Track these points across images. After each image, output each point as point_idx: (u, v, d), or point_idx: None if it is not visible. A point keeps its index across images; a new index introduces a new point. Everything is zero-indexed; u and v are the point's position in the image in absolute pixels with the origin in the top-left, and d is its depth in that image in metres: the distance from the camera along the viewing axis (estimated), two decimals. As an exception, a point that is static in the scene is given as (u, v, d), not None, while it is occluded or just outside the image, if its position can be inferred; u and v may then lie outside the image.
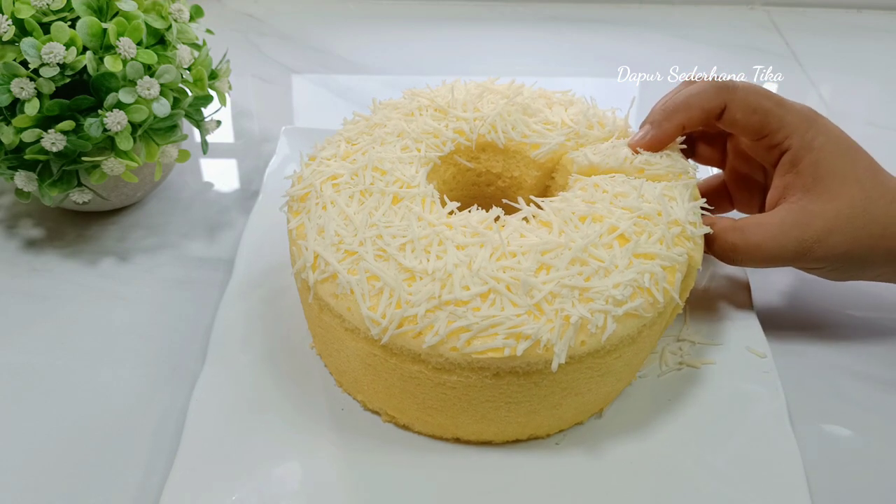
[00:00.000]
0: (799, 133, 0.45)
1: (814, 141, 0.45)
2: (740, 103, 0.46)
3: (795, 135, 0.45)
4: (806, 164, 0.45)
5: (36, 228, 0.57)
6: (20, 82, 0.46)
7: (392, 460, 0.42)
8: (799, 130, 0.45)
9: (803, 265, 0.46)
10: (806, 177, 0.45)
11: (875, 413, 0.46)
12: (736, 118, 0.46)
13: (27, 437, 0.44)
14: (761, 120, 0.45)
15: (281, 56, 0.81)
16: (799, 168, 0.45)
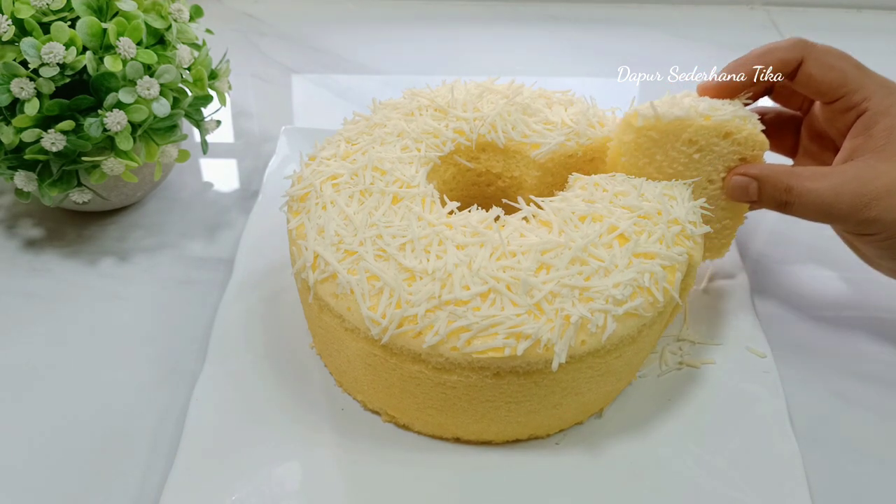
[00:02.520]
0: (877, 98, 0.44)
1: (892, 108, 0.43)
2: (818, 60, 0.44)
3: (874, 98, 0.44)
4: (880, 129, 0.43)
5: (36, 228, 0.57)
6: (20, 82, 0.46)
7: (392, 460, 0.42)
8: (878, 95, 0.44)
9: (855, 227, 0.43)
10: (878, 139, 0.43)
11: (875, 413, 0.46)
12: (812, 74, 0.44)
13: (27, 437, 0.44)
14: (838, 78, 0.44)
15: (281, 56, 0.81)
16: (872, 132, 0.43)
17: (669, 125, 0.43)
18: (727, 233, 0.49)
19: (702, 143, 0.44)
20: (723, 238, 0.49)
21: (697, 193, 0.46)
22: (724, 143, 0.44)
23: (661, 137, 0.44)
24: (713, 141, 0.44)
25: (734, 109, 0.44)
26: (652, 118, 0.44)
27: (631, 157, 0.45)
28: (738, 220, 0.48)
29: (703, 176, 0.45)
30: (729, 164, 0.45)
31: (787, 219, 0.45)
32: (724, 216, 0.48)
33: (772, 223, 0.60)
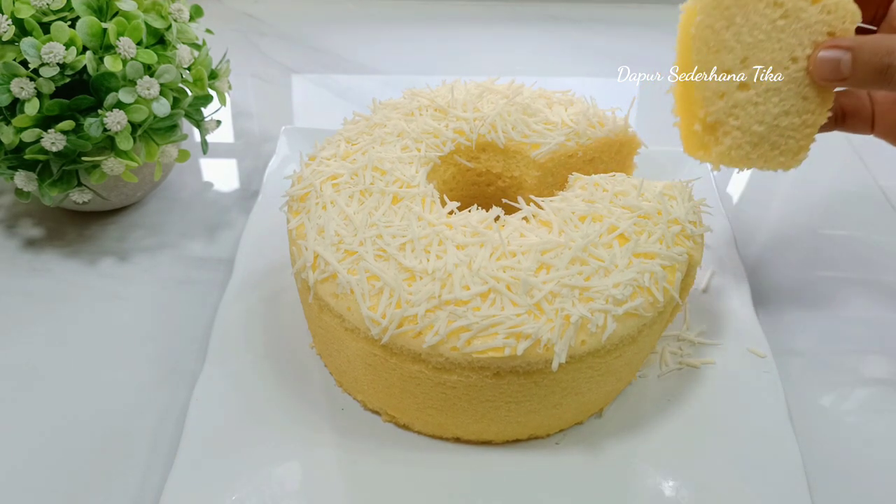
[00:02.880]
0: None
1: None
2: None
3: None
4: None
5: (36, 228, 0.57)
6: (20, 82, 0.46)
7: (392, 460, 0.42)
8: None
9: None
10: None
11: (875, 413, 0.46)
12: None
13: (27, 437, 0.44)
14: None
15: (281, 56, 0.81)
16: None
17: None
18: (807, 131, 0.44)
19: (788, 7, 0.41)
20: (801, 138, 0.44)
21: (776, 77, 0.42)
22: (813, 11, 0.41)
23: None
24: (800, 5, 0.41)
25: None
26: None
27: (708, 16, 0.40)
28: (821, 114, 0.44)
29: (786, 51, 0.42)
30: (816, 39, 0.42)
31: (788, 219, 0.45)
32: (806, 108, 0.43)
33: (772, 223, 0.60)
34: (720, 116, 0.41)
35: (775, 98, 0.42)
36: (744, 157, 0.43)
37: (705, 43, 0.40)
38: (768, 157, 0.43)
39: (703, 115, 0.41)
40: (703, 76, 0.41)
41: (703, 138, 0.42)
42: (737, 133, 0.42)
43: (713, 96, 0.41)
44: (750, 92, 0.42)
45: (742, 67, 0.41)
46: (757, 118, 0.42)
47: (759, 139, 0.43)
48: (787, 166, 0.44)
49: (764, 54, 0.41)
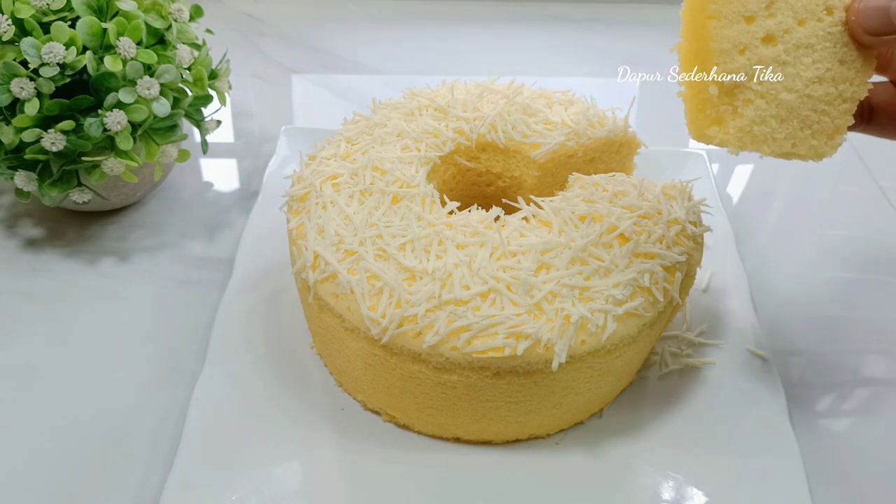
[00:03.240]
0: None
1: None
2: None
3: None
4: None
5: (36, 228, 0.57)
6: (20, 82, 0.46)
7: (392, 460, 0.42)
8: None
9: None
10: None
11: (875, 413, 0.46)
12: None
13: (27, 437, 0.44)
14: None
15: (281, 56, 0.81)
16: None
17: None
18: (844, 107, 0.35)
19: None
20: (837, 115, 0.35)
21: (808, 31, 0.34)
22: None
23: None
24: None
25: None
26: None
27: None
28: (861, 83, 0.35)
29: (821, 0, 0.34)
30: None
31: (788, 219, 0.45)
32: (844, 75, 0.35)
33: (772, 223, 0.60)
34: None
35: (808, 58, 0.34)
36: (768, 136, 0.34)
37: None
38: (798, 139, 0.35)
39: (720, 73, 0.33)
40: (719, 23, 0.33)
41: (719, 108, 0.34)
42: (760, 102, 0.34)
43: (732, 49, 0.33)
44: (777, 47, 0.34)
45: (768, 14, 0.33)
46: (786, 84, 0.34)
47: (788, 112, 0.34)
48: (820, 153, 0.36)
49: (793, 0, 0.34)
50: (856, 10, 0.34)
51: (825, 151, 0.36)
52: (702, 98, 0.34)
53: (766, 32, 0.34)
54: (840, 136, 0.36)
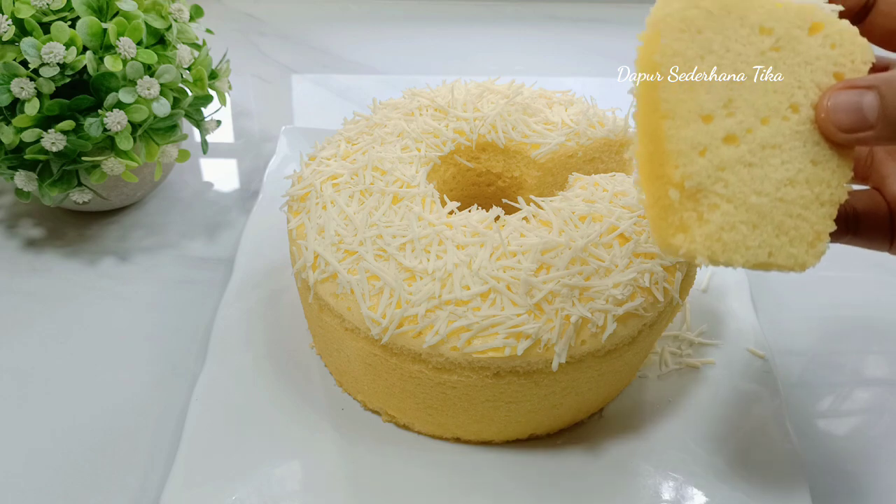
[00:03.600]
0: None
1: None
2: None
3: None
4: None
5: (36, 228, 0.57)
6: (20, 82, 0.46)
7: (392, 460, 0.42)
8: None
9: None
10: None
11: (875, 413, 0.46)
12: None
13: (27, 437, 0.44)
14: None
15: (281, 56, 0.81)
16: None
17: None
18: (822, 211, 0.32)
19: (780, 34, 0.31)
20: (816, 220, 0.32)
21: (773, 130, 0.31)
22: (812, 42, 0.32)
23: (720, 12, 0.30)
24: (795, 34, 0.31)
25: (817, 1, 0.32)
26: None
27: (675, 39, 0.30)
28: (837, 186, 0.32)
29: (784, 94, 0.31)
30: (819, 80, 0.32)
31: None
32: (818, 177, 0.32)
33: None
34: (702, 181, 0.30)
35: (776, 159, 0.31)
36: (740, 244, 0.31)
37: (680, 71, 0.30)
38: (774, 247, 0.31)
39: (680, 176, 0.30)
40: (674, 123, 0.30)
41: (682, 214, 0.30)
42: (728, 207, 0.30)
43: (691, 151, 0.30)
44: (741, 148, 0.31)
45: (727, 113, 0.31)
46: (754, 186, 0.31)
47: (760, 217, 0.31)
48: (802, 262, 0.32)
49: (755, 96, 0.31)
50: (825, 107, 0.31)
51: (807, 261, 0.32)
52: (663, 204, 0.30)
53: (727, 132, 0.30)
54: (822, 243, 0.32)
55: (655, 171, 0.31)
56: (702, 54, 0.30)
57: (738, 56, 0.31)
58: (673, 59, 0.30)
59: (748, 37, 0.31)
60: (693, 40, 0.30)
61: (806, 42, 0.31)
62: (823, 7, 0.32)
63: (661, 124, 0.30)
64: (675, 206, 0.30)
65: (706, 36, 0.30)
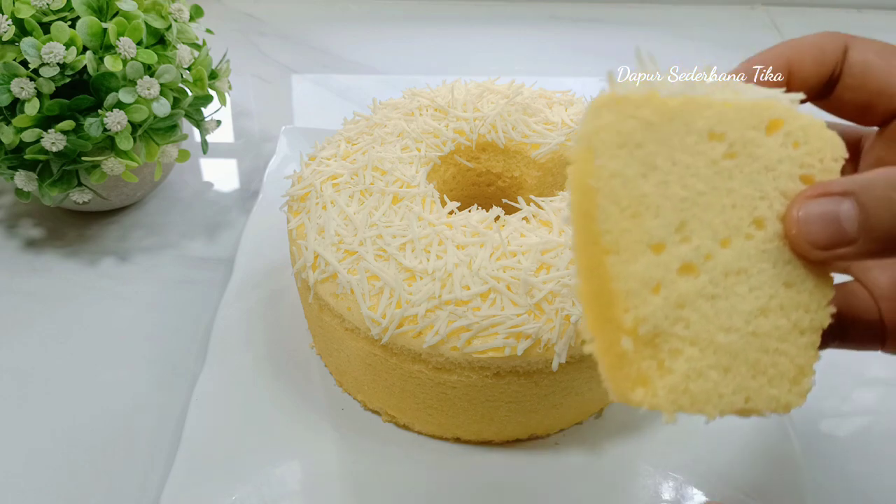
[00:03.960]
0: None
1: None
2: (869, 44, 0.29)
3: None
4: None
5: (36, 228, 0.57)
6: (20, 82, 0.46)
7: (392, 460, 0.42)
8: None
9: None
10: None
11: (875, 413, 0.46)
12: (869, 63, 0.28)
13: (27, 438, 0.44)
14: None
15: (281, 56, 0.81)
16: None
17: (674, 104, 0.26)
18: (803, 340, 0.28)
19: (733, 138, 0.26)
20: (797, 353, 0.28)
21: (736, 253, 0.27)
22: (771, 143, 0.27)
23: (661, 121, 0.26)
24: (751, 136, 0.27)
25: (773, 92, 0.28)
26: (644, 88, 0.26)
27: (613, 158, 0.25)
28: (819, 309, 0.28)
29: (744, 209, 0.27)
30: (786, 187, 0.27)
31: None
32: (794, 301, 0.27)
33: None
34: (659, 323, 0.25)
35: (742, 286, 0.27)
36: (712, 393, 0.26)
37: (615, 201, 0.25)
38: (751, 391, 0.27)
39: (633, 320, 0.25)
40: (619, 258, 0.25)
41: (640, 364, 0.25)
42: (692, 351, 0.26)
43: (642, 289, 0.25)
44: (700, 278, 0.26)
45: (681, 239, 0.26)
46: (720, 322, 0.26)
47: (732, 359, 0.26)
48: (785, 404, 0.28)
49: (711, 215, 0.26)
50: (796, 219, 0.26)
51: (791, 401, 0.28)
52: (617, 353, 0.25)
53: (683, 262, 0.26)
54: (807, 378, 0.28)
55: (604, 314, 0.26)
56: (644, 172, 0.25)
57: (686, 169, 0.26)
58: (611, 181, 0.25)
59: (697, 145, 0.26)
60: (633, 156, 0.25)
61: (764, 144, 0.27)
62: (780, 99, 0.27)
63: (605, 260, 0.25)
64: (630, 356, 0.25)
65: (648, 150, 0.25)
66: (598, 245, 0.25)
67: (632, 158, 0.25)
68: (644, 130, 0.25)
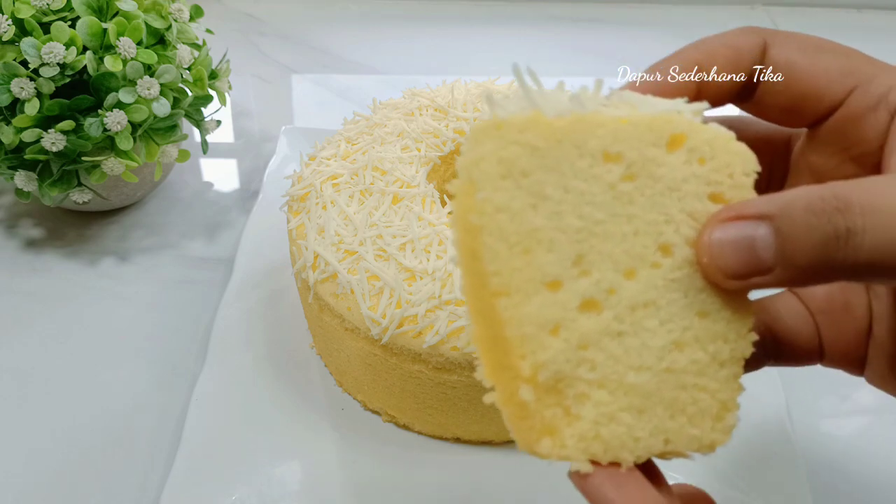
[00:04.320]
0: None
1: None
2: (790, 40, 0.27)
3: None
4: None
5: (36, 228, 0.57)
6: (20, 82, 0.46)
7: (392, 460, 0.42)
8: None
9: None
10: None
11: (874, 413, 0.46)
12: (792, 62, 0.26)
13: (27, 438, 0.44)
14: (840, 65, 0.26)
15: (281, 56, 0.81)
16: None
17: (561, 124, 0.23)
18: (724, 373, 0.25)
19: (631, 159, 0.24)
20: (719, 388, 0.25)
21: (642, 284, 0.24)
22: (674, 161, 0.24)
23: (548, 145, 0.23)
24: (651, 155, 0.24)
25: (673, 104, 0.25)
26: (525, 110, 0.24)
27: (495, 191, 0.23)
28: (739, 339, 0.25)
29: (649, 236, 0.24)
30: (693, 209, 0.24)
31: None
32: (710, 332, 0.25)
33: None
34: (561, 368, 0.23)
35: (652, 321, 0.24)
36: (626, 438, 0.24)
37: (502, 238, 0.23)
38: (671, 432, 0.24)
39: (530, 368, 0.23)
40: (511, 300, 0.23)
41: (544, 413, 0.23)
42: (601, 395, 0.24)
43: (539, 332, 0.23)
44: (604, 315, 0.24)
45: (579, 273, 0.23)
46: (629, 361, 0.24)
47: (645, 399, 0.24)
48: (709, 443, 0.25)
49: (611, 245, 0.24)
50: (707, 245, 0.23)
51: (715, 440, 0.25)
52: (518, 403, 0.23)
53: (583, 298, 0.23)
54: (730, 413, 0.25)
55: (500, 361, 0.23)
56: (534, 203, 0.23)
57: (581, 197, 0.23)
58: (496, 216, 0.23)
59: (591, 169, 0.23)
60: (519, 187, 0.23)
61: (666, 162, 0.24)
62: (682, 111, 0.25)
63: (495, 304, 0.23)
64: (532, 406, 0.23)
65: (536, 178, 0.23)
66: (488, 288, 0.23)
67: (518, 189, 0.23)
68: (530, 157, 0.23)
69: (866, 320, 0.28)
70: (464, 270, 0.24)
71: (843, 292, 0.28)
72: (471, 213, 0.23)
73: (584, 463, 0.23)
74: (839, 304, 0.28)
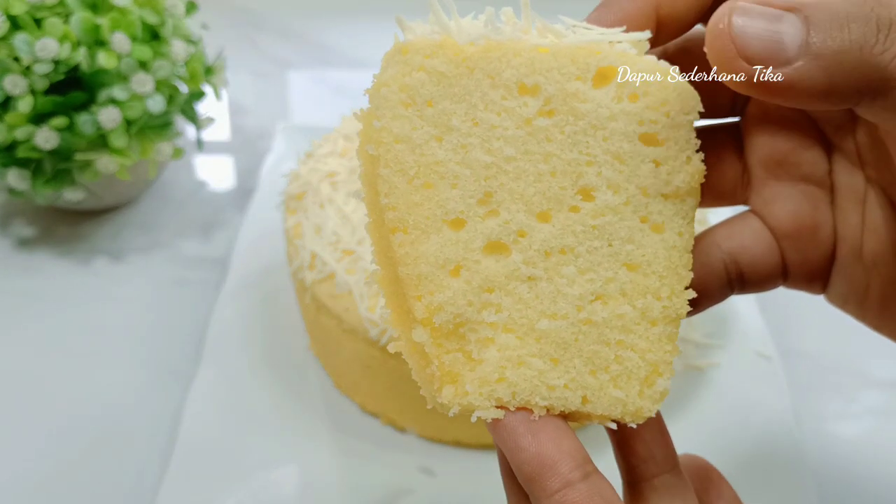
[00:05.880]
0: None
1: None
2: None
3: None
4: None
5: (29, 227, 0.57)
6: (13, 79, 0.45)
7: (391, 463, 0.42)
8: None
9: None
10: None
11: (881, 415, 0.46)
12: None
13: (22, 438, 0.43)
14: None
15: (277, 51, 0.80)
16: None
17: (473, 51, 0.22)
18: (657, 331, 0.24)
19: (550, 92, 0.22)
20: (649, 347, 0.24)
21: (558, 228, 0.23)
22: (601, 97, 0.22)
23: (458, 72, 0.22)
24: (573, 89, 0.22)
25: (604, 33, 0.23)
26: (435, 34, 0.23)
27: (395, 119, 0.22)
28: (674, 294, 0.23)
29: (567, 177, 0.23)
30: (619, 149, 0.23)
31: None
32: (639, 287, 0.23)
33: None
34: (462, 310, 0.22)
35: (568, 267, 0.23)
36: (536, 383, 0.22)
37: (401, 170, 0.22)
38: (590, 388, 0.23)
39: (425, 309, 0.22)
40: (408, 237, 0.22)
41: (443, 359, 0.22)
42: (507, 338, 0.23)
43: (437, 272, 0.22)
44: (512, 258, 0.22)
45: (486, 213, 0.22)
46: (541, 307, 0.23)
47: (560, 348, 0.23)
48: (634, 410, 0.24)
49: (523, 185, 0.22)
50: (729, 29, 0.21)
51: (642, 406, 0.24)
52: (418, 349, 0.23)
53: (489, 239, 0.22)
54: (662, 378, 0.24)
55: (401, 305, 0.22)
56: (438, 134, 0.22)
57: (491, 131, 0.22)
58: (395, 147, 0.21)
59: (504, 101, 0.22)
60: (422, 117, 0.22)
61: (592, 98, 0.22)
62: (615, 41, 0.22)
63: (392, 239, 0.21)
64: (431, 352, 0.22)
65: (442, 108, 0.22)
66: (383, 225, 0.21)
67: (421, 119, 0.22)
68: (437, 84, 0.21)
69: (831, 242, 0.27)
70: (367, 205, 0.23)
71: (812, 214, 0.27)
72: (369, 143, 0.21)
73: (489, 409, 0.22)
74: (807, 226, 0.27)
